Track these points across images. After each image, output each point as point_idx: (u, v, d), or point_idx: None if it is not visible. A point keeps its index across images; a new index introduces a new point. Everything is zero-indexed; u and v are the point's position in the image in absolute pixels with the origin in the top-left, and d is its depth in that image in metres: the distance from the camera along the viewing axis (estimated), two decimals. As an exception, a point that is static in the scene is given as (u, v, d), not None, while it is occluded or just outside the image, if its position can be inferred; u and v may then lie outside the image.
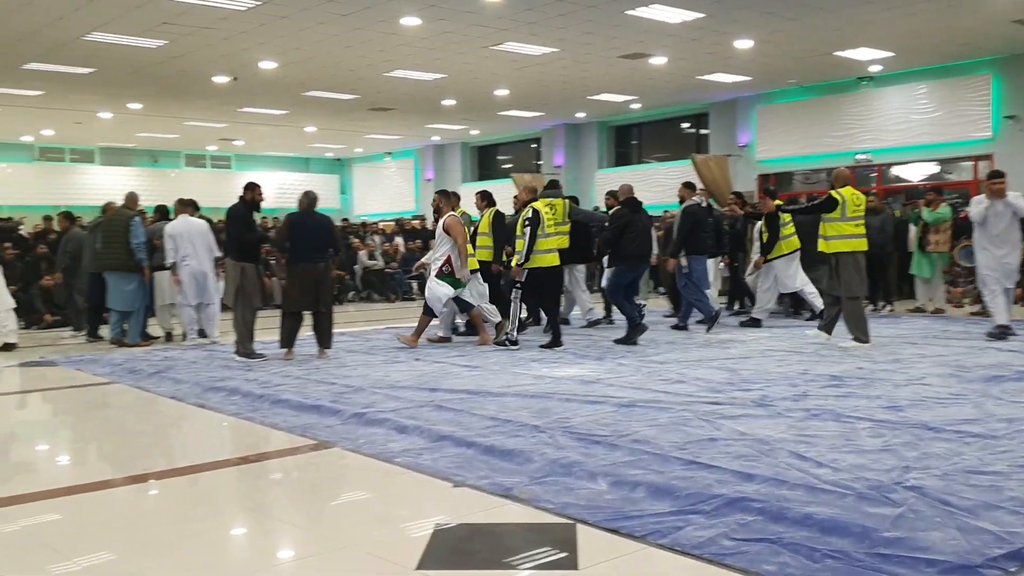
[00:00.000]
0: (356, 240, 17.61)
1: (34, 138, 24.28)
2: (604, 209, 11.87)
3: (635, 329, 9.11)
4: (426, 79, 16.30)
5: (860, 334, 8.55)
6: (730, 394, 6.16)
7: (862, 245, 8.56)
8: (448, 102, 18.94)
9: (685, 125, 22.10)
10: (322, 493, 4.37)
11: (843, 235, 8.49)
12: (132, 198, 10.38)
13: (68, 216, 11.74)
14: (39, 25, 12.07)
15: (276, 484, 4.60)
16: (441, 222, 9.32)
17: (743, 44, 14.07)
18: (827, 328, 8.99)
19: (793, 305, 11.84)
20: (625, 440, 4.79)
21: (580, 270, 10.95)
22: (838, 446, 4.61)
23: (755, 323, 10.57)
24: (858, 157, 17.64)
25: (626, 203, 9.38)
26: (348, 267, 16.80)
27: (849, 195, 8.54)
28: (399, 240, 18.83)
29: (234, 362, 8.38)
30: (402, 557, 3.29)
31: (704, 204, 11.35)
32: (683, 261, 10.04)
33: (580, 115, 21.69)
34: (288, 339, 8.62)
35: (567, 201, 9.82)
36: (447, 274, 9.10)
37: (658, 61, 15.15)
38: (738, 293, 12.47)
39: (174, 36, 12.77)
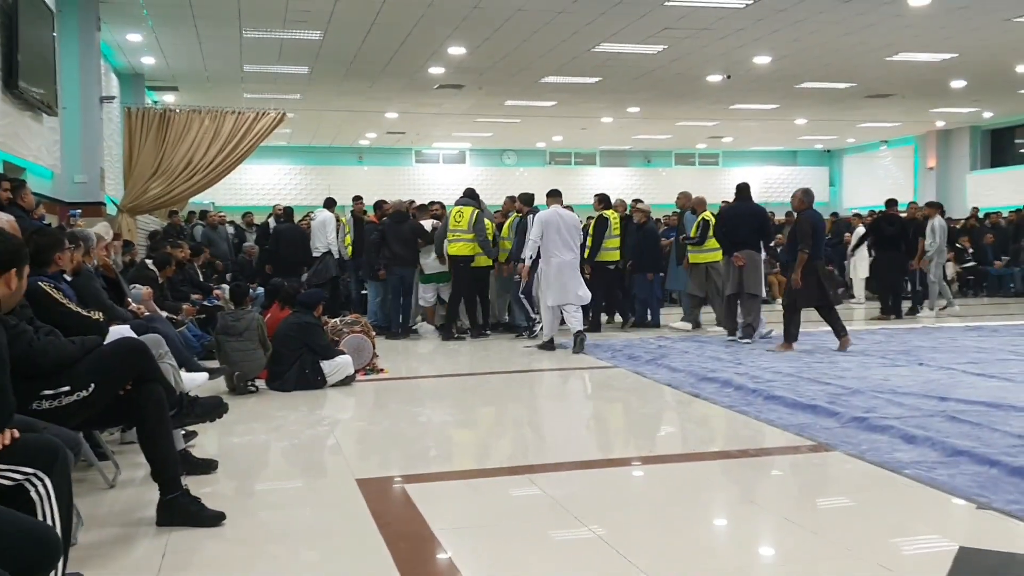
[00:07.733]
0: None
1: (546, 144, 27.14)
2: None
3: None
4: (933, 60, 14.99)
5: None
6: None
7: None
8: (957, 83, 17.21)
9: None
10: (826, 496, 4.25)
11: None
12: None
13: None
14: (556, 42, 13.40)
15: (777, 481, 4.57)
16: None
17: None
18: None
19: None
20: None
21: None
22: None
23: None
24: None
25: None
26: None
27: None
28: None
29: (724, 354, 8.52)
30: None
31: None
32: None
33: None
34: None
35: (476, 211, 10.46)
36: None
37: None
38: None
39: (674, 40, 13.31)
